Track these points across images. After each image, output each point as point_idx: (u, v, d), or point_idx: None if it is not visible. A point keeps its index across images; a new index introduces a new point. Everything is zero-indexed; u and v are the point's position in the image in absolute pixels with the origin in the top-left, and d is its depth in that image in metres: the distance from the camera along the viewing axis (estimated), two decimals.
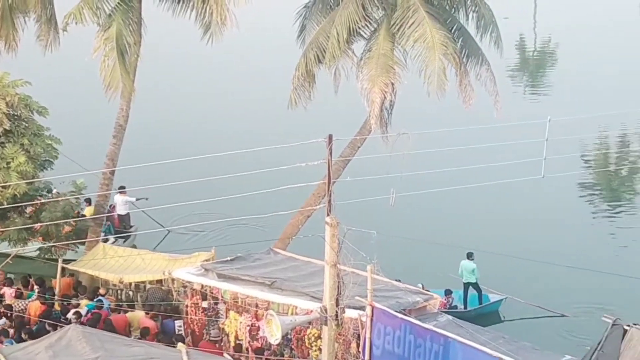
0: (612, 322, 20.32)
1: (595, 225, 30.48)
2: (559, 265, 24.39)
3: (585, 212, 31.40)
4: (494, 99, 22.93)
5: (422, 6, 21.55)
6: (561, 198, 31.60)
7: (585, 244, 28.55)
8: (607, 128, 38.16)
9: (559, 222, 30.07)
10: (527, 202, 30.97)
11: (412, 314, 18.71)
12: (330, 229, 15.90)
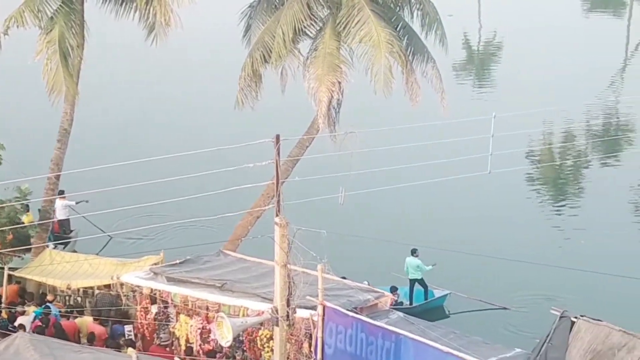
0: (560, 314, 20.62)
1: (541, 219, 30.77)
2: (504, 259, 24.63)
3: (531, 206, 31.75)
4: (440, 96, 23.05)
5: (367, 5, 21.58)
6: (508, 193, 31.93)
7: (531, 238, 28.84)
8: (552, 123, 38.66)
9: (505, 216, 30.39)
10: (474, 198, 31.23)
11: (363, 312, 18.74)
12: (280, 229, 15.85)
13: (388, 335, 16.86)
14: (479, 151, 24.47)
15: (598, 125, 39.82)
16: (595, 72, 46.72)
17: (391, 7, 23.03)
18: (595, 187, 33.28)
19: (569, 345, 20.12)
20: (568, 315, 20.56)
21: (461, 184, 28.87)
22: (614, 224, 29.94)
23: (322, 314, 17.52)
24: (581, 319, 20.45)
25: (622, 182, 33.48)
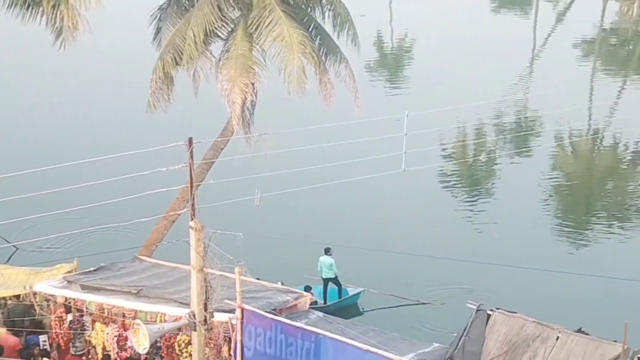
0: (476, 307, 20.98)
1: (456, 214, 31.21)
2: (419, 256, 24.94)
3: (445, 202, 32.17)
4: (353, 95, 23.14)
5: (278, 6, 21.53)
6: (423, 190, 32.27)
7: (446, 233, 29.22)
8: (464, 120, 39.26)
9: (421, 213, 30.72)
10: (390, 196, 31.49)
11: (282, 313, 18.73)
12: (195, 233, 15.72)
13: (307, 335, 16.86)
14: (393, 150, 24.71)
15: (508, 121, 40.60)
16: (504, 70, 47.65)
17: (302, 8, 23.02)
18: (506, 182, 33.97)
19: (486, 337, 20.48)
20: (484, 309, 20.93)
21: (377, 183, 29.11)
22: (525, 218, 30.59)
23: (240, 317, 17.42)
24: (497, 311, 20.86)
25: (532, 176, 34.23)
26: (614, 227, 30.17)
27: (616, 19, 62.89)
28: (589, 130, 40.19)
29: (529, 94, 45.33)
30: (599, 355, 19.27)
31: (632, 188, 33.88)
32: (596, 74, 49.83)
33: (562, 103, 39.22)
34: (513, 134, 38.29)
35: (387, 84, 47.35)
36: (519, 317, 20.65)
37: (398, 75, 49.49)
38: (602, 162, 37.25)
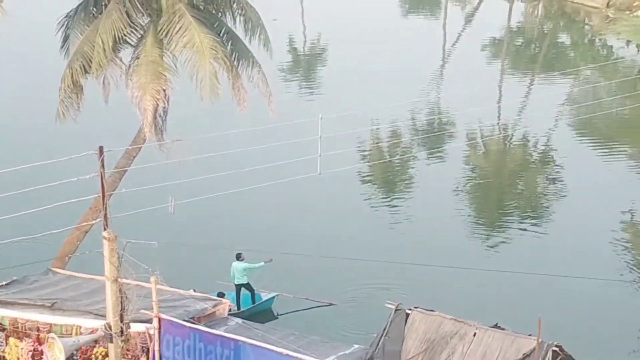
0: (395, 307, 21.17)
1: (373, 215, 31.42)
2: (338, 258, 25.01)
3: (363, 203, 32.33)
4: (267, 100, 23.08)
5: (188, 11, 21.34)
6: (340, 192, 32.39)
7: (365, 234, 29.40)
8: (379, 122, 39.59)
9: (339, 215, 30.80)
10: (307, 199, 31.53)
11: (201, 321, 18.58)
12: (109, 243, 15.49)
13: (227, 342, 16.77)
14: (309, 153, 24.70)
15: (422, 122, 41.09)
16: (416, 71, 48.24)
17: (213, 13, 22.86)
18: (422, 182, 34.32)
19: (405, 336, 20.68)
20: (403, 308, 21.14)
21: (294, 186, 29.00)
22: (441, 216, 30.97)
23: (158, 327, 17.24)
24: (415, 310, 21.09)
25: (446, 175, 34.71)
26: (527, 223, 30.78)
27: (522, 20, 64.40)
28: (500, 129, 40.97)
29: (441, 94, 45.98)
30: (515, 350, 19.64)
31: (542, 184, 34.64)
32: (505, 74, 50.86)
33: (473, 103, 39.83)
34: (427, 134, 38.78)
35: (301, 87, 47.42)
36: (437, 315, 20.91)
37: (312, 78, 49.62)
38: (513, 159, 38.01)
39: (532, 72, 50.63)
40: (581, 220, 30.37)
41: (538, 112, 42.00)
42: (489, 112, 42.01)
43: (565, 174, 35.11)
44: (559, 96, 44.95)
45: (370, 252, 27.03)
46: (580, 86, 46.44)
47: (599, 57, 53.97)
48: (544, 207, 32.41)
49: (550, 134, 39.57)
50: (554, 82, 47.28)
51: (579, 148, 38.10)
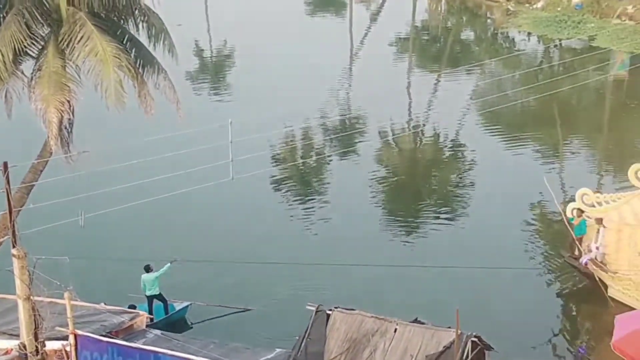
0: (315, 308, 21.17)
1: (290, 218, 31.31)
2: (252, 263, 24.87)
3: (278, 206, 32.18)
4: (176, 106, 22.80)
5: (89, 20, 20.90)
6: (254, 197, 32.21)
7: (283, 237, 29.28)
8: (291, 124, 39.55)
9: (253, 220, 30.57)
10: (221, 206, 31.24)
11: (119, 335, 18.28)
12: (18, 261, 15.06)
13: (146, 355, 16.49)
14: (221, 158, 24.47)
15: (334, 122, 41.20)
16: (325, 71, 48.37)
17: (115, 21, 22.43)
18: (337, 181, 34.39)
19: (327, 337, 20.70)
20: (323, 309, 21.17)
21: (208, 193, 28.69)
22: (357, 215, 31.08)
23: (74, 344, 16.82)
24: (335, 310, 21.13)
25: (361, 174, 34.87)
26: (442, 217, 31.13)
27: (426, 16, 65.29)
28: (410, 126, 41.40)
29: (351, 93, 46.25)
30: (436, 343, 19.86)
31: (455, 179, 35.10)
32: (412, 71, 51.45)
33: (383, 100, 40.22)
34: (339, 134, 38.91)
35: (210, 92, 47.04)
36: (357, 313, 20.99)
37: (220, 83, 49.27)
38: (425, 155, 38.45)
39: (439, 68, 51.33)
40: (493, 212, 30.89)
41: (447, 107, 42.65)
42: (399, 109, 42.46)
43: (476, 167, 35.69)
44: (466, 90, 45.72)
45: (287, 255, 27.00)
46: (486, 80, 47.31)
47: (502, 50, 55.08)
48: (458, 200, 32.84)
49: (460, 128, 40.18)
50: (460, 76, 48.03)
51: (488, 140, 38.77)
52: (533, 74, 46.85)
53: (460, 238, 29.27)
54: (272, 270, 25.70)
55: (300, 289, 25.23)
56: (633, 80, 46.60)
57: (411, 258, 27.45)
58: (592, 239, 24.93)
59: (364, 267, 25.02)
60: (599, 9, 56.77)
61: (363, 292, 25.04)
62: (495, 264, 25.17)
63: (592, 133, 39.76)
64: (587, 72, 46.09)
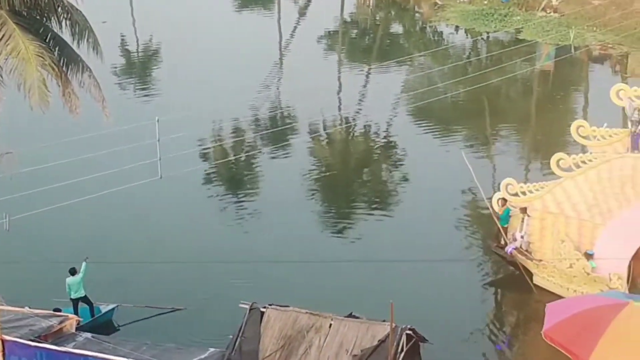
0: (249, 307, 21.06)
1: (219, 215, 30.96)
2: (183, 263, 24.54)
3: (208, 204, 31.81)
4: (101, 105, 22.35)
5: (10, 18, 20.32)
6: (184, 196, 31.83)
7: (212, 235, 28.96)
8: (221, 121, 39.24)
9: (183, 219, 30.17)
10: (151, 205, 30.74)
11: (48, 339, 17.89)
12: None
13: (75, 359, 16.12)
14: (149, 157, 24.12)
15: (264, 118, 41.00)
16: (255, 67, 48.11)
17: (37, 19, 21.85)
18: (269, 178, 34.21)
19: (262, 335, 20.64)
20: (257, 307, 21.08)
21: (137, 193, 28.20)
22: (290, 212, 30.96)
23: (1, 349, 16.39)
24: (270, 308, 21.07)
25: (293, 170, 34.76)
26: (375, 211, 31.21)
27: (355, 11, 65.41)
28: (342, 120, 41.42)
29: (282, 88, 46.12)
30: (370, 337, 19.94)
31: (386, 173, 35.24)
32: (342, 65, 51.50)
33: (313, 95, 40.13)
34: (270, 129, 38.74)
35: (137, 90, 46.33)
36: (291, 310, 20.96)
37: (147, 80, 48.54)
38: (357, 150, 38.50)
39: (369, 62, 51.45)
40: (425, 204, 31.04)
41: (377, 101, 42.81)
42: (330, 104, 42.41)
43: (408, 160, 35.88)
44: (396, 84, 45.94)
45: (219, 253, 26.73)
46: (416, 73, 47.60)
47: (430, 44, 55.47)
48: (391, 193, 33.01)
49: (391, 122, 40.34)
50: (390, 70, 48.24)
51: (419, 133, 39.00)
52: (462, 67, 47.30)
53: (392, 231, 29.38)
54: (204, 268, 25.46)
55: (233, 287, 24.94)
56: (558, 71, 47.38)
57: (345, 253, 27.45)
58: (517, 228, 25.27)
59: (297, 263, 24.93)
60: (524, 2, 57.55)
61: (297, 289, 24.93)
62: (427, 256, 25.40)
63: (521, 124, 40.29)
64: (514, 65, 46.76)
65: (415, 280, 25.52)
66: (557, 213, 24.32)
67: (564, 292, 24.06)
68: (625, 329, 17.17)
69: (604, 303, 18.06)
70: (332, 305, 22.05)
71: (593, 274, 23.54)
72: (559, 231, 24.22)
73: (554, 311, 18.61)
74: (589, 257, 23.65)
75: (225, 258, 25.61)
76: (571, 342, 17.56)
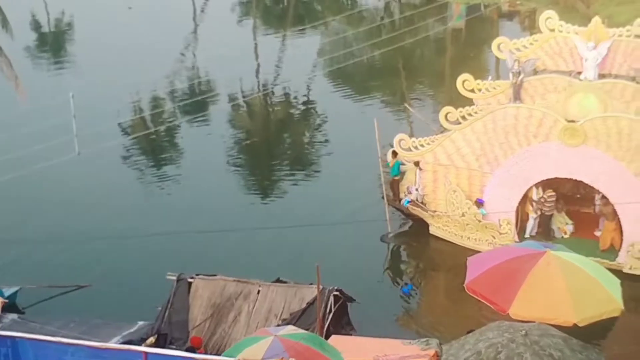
0: (176, 277, 21.07)
1: (144, 189, 30.71)
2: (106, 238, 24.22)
3: (131, 178, 31.50)
4: (15, 83, 21.98)
5: None
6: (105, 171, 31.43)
7: (136, 208, 28.67)
8: (138, 94, 38.80)
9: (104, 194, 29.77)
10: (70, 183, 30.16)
11: None
12: None
13: (2, 341, 15.93)
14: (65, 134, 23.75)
15: (183, 88, 40.68)
16: (170, 39, 47.64)
17: None
18: (190, 148, 33.99)
19: (190, 305, 20.70)
20: (184, 277, 21.09)
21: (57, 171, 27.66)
22: (212, 180, 30.90)
23: None
24: (197, 278, 21.11)
25: (214, 139, 34.64)
26: (297, 177, 31.35)
27: None
28: (260, 88, 41.36)
29: (198, 58, 45.79)
30: (299, 300, 20.18)
31: (307, 138, 35.40)
32: (257, 33, 51.32)
33: (230, 63, 40.00)
34: (189, 99, 38.45)
35: (51, 66, 45.46)
36: (219, 278, 21.05)
37: (62, 55, 47.67)
38: (277, 116, 38.56)
39: (284, 28, 51.39)
40: (344, 166, 31.22)
41: (295, 67, 42.85)
42: (247, 72, 42.29)
43: (327, 124, 36.09)
44: (313, 49, 46.05)
45: (143, 227, 26.53)
46: (331, 37, 47.74)
47: (344, 7, 55.63)
48: (311, 157, 33.17)
49: (309, 87, 40.48)
50: (305, 36, 48.30)
51: (337, 97, 39.23)
52: (376, 29, 47.61)
53: (314, 196, 29.58)
54: (127, 244, 25.23)
55: (159, 259, 24.76)
56: (470, 30, 48.11)
57: (269, 219, 27.50)
58: (413, 181, 25.92)
59: (223, 232, 24.95)
60: None
61: (224, 258, 24.95)
62: (346, 218, 25.85)
63: (435, 83, 40.85)
64: (427, 25, 47.30)
65: (338, 242, 25.79)
66: (448, 165, 25.23)
67: (459, 239, 25.37)
68: (543, 277, 17.68)
69: (522, 253, 18.53)
70: (259, 271, 22.19)
71: (484, 220, 24.72)
72: (451, 182, 25.24)
73: (475, 264, 19.02)
74: (479, 205, 24.79)
75: (148, 231, 25.45)
76: (492, 293, 18.00)
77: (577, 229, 25.19)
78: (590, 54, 23.66)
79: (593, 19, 24.12)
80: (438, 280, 24.47)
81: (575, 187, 25.89)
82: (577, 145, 23.02)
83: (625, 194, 22.85)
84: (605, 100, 23.27)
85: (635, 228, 23.10)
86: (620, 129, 22.47)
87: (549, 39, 24.58)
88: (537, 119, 23.39)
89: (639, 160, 22.51)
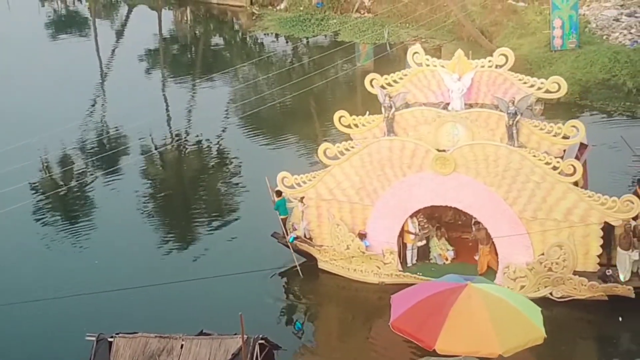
0: (95, 338, 20.56)
1: (55, 249, 29.87)
2: None
3: (42, 238, 30.65)
4: None
5: None
6: (16, 232, 30.64)
7: (48, 272, 27.92)
8: (46, 152, 38.01)
9: (15, 258, 28.96)
10: None
11: None
12: None
13: None
14: None
15: (93, 144, 39.97)
16: (78, 95, 46.93)
17: None
18: (104, 205, 33.31)
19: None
20: (104, 337, 20.59)
21: None
22: (128, 235, 30.32)
23: None
24: (117, 336, 20.64)
25: (128, 193, 34.07)
26: (215, 225, 31.04)
27: (173, 27, 65.02)
28: (172, 138, 40.95)
29: (107, 111, 45.16)
30: (224, 351, 19.90)
31: (223, 186, 35.12)
32: (167, 83, 50.98)
33: (140, 116, 39.52)
34: (100, 154, 37.81)
35: None
36: (140, 336, 20.63)
37: None
38: (191, 166, 38.15)
39: (193, 77, 51.20)
40: (260, 214, 30.89)
41: (206, 115, 42.62)
42: (158, 122, 41.84)
43: (244, 170, 35.89)
44: (223, 96, 45.95)
45: (55, 288, 25.85)
46: (241, 84, 47.76)
47: (253, 53, 55.81)
48: (228, 206, 32.90)
49: (222, 135, 40.29)
50: (215, 83, 48.21)
51: (251, 143, 39.12)
52: (286, 73, 47.85)
53: (229, 244, 29.25)
54: (41, 306, 24.51)
55: (77, 321, 24.13)
56: (378, 69, 48.49)
57: (187, 271, 27.09)
58: (299, 218, 26.39)
59: (141, 288, 24.44)
60: (338, 5, 58.92)
61: (144, 315, 24.46)
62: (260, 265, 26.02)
63: None
64: (336, 66, 47.75)
65: (261, 290, 25.63)
66: (330, 199, 25.69)
67: (346, 272, 26.00)
68: (466, 310, 17.85)
69: (444, 288, 18.70)
70: (182, 325, 21.79)
71: (368, 252, 25.37)
72: (334, 216, 25.72)
73: (398, 302, 19.11)
74: (362, 236, 25.41)
75: (60, 293, 24.78)
76: (418, 330, 18.08)
77: (458, 255, 26.17)
78: (455, 85, 24.36)
79: (456, 52, 24.74)
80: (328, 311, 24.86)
81: (456, 214, 26.97)
82: (448, 173, 23.93)
83: (496, 218, 23.77)
84: (472, 129, 23.96)
85: (509, 250, 23.95)
86: (487, 155, 23.41)
87: (418, 72, 25.20)
88: (410, 150, 24.21)
89: (506, 185, 23.40)
